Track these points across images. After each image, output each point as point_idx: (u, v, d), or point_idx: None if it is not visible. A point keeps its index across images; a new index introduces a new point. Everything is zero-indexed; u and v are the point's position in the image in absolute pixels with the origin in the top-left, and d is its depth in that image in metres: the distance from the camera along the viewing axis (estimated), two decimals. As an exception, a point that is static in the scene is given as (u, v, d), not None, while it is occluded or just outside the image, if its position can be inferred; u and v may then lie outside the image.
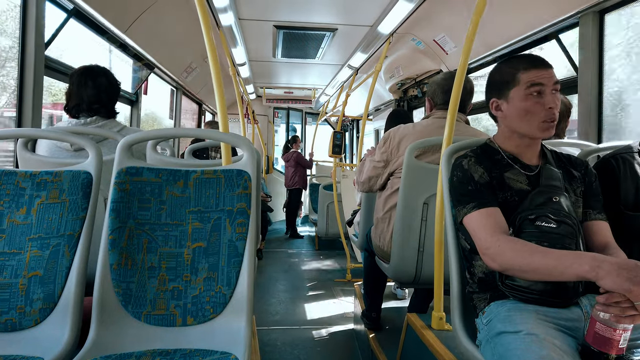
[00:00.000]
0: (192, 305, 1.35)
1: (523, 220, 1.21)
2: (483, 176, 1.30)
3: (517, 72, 1.28)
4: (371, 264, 2.43)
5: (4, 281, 1.32)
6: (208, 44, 1.72)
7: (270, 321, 3.31)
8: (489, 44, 2.94)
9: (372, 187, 2.23)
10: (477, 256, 1.26)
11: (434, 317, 1.74)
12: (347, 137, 8.53)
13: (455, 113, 1.68)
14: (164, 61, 3.87)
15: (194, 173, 1.45)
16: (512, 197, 1.28)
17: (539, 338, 1.02)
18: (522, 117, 1.27)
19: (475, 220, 1.25)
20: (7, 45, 2.12)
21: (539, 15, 2.41)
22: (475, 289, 1.32)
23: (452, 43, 3.38)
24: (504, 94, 1.31)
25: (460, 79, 1.67)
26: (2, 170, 1.43)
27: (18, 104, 2.03)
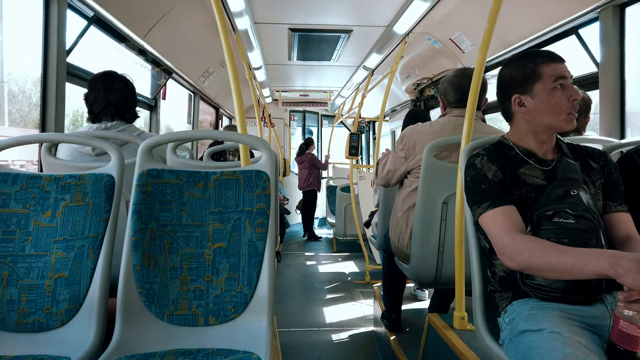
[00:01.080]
0: (213, 305, 1.36)
1: (540, 216, 1.19)
2: (497, 174, 1.29)
3: (536, 66, 1.26)
4: (390, 265, 2.42)
5: (31, 282, 1.35)
6: (225, 48, 1.74)
7: (290, 323, 3.32)
8: (506, 41, 2.91)
9: (389, 180, 2.21)
10: (496, 255, 1.25)
11: (455, 317, 1.72)
12: (364, 139, 8.52)
13: (473, 111, 1.67)
14: (181, 66, 3.92)
15: (213, 174, 1.46)
16: (529, 193, 1.26)
17: (563, 336, 1.00)
18: (549, 111, 1.25)
19: (490, 219, 1.24)
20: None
21: (558, 11, 2.38)
22: (496, 287, 1.30)
23: (468, 41, 3.36)
24: (528, 89, 1.28)
25: (478, 77, 1.66)
26: (27, 174, 1.47)
27: (41, 110, 2.08)
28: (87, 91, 1.92)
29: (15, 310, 1.33)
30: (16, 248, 1.38)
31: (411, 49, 4.08)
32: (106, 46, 2.90)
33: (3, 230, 1.39)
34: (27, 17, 2.16)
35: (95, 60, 2.63)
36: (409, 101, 5.35)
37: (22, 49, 2.32)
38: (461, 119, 1.99)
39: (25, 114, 2.53)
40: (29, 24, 2.13)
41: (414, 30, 3.47)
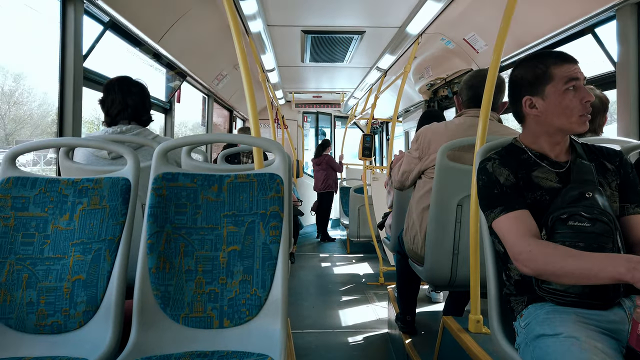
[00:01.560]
0: (228, 307, 1.37)
1: (555, 220, 1.17)
2: (509, 178, 1.27)
3: (548, 68, 1.24)
4: (404, 266, 2.41)
5: (50, 285, 1.38)
6: (239, 51, 1.75)
7: (304, 325, 3.32)
8: (520, 41, 2.88)
9: (404, 182, 2.21)
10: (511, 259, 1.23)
11: (471, 320, 1.70)
12: (377, 140, 8.49)
13: (488, 112, 1.66)
14: (195, 69, 3.96)
15: (227, 177, 1.47)
16: (543, 196, 1.24)
17: (580, 341, 0.99)
18: (561, 113, 1.23)
19: (503, 224, 1.22)
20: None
21: (574, 10, 2.35)
22: (512, 291, 1.29)
23: (482, 41, 3.33)
24: (539, 91, 1.26)
25: (493, 77, 1.64)
26: (46, 178, 1.49)
27: (59, 115, 2.12)
28: (102, 95, 1.95)
29: (34, 312, 1.35)
30: (35, 251, 1.40)
31: (424, 49, 4.06)
32: (121, 50, 2.94)
33: (22, 233, 1.41)
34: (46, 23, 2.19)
35: (111, 65, 2.67)
36: (423, 102, 5.32)
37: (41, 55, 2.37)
38: (476, 119, 1.97)
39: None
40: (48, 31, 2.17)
41: (427, 30, 3.45)
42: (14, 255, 1.39)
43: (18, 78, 5.21)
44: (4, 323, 1.34)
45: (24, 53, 6.89)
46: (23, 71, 5.09)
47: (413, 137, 2.19)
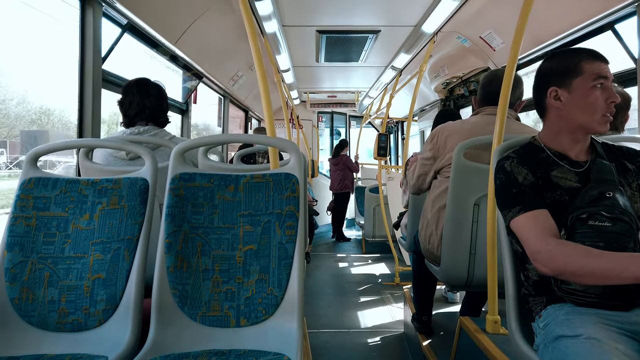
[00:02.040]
0: (245, 306, 1.38)
1: (575, 220, 1.15)
2: (527, 177, 1.25)
3: (579, 61, 1.22)
4: (420, 266, 2.40)
5: (71, 283, 1.40)
6: (254, 52, 1.76)
7: (320, 324, 3.32)
8: (538, 38, 2.84)
9: (421, 186, 2.21)
10: (530, 260, 1.22)
11: (488, 321, 1.69)
12: (392, 139, 8.46)
13: (505, 110, 1.64)
14: (211, 70, 3.99)
15: (243, 177, 1.48)
16: (562, 196, 1.22)
17: (600, 342, 0.97)
18: (584, 109, 1.22)
19: (522, 224, 1.20)
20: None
21: (593, 6, 2.31)
22: (530, 291, 1.27)
23: (499, 39, 3.29)
24: (566, 83, 1.24)
25: (510, 75, 1.63)
26: (66, 179, 1.52)
27: (79, 116, 2.15)
28: (121, 97, 1.98)
29: (55, 310, 1.38)
30: (56, 250, 1.43)
31: (440, 47, 4.03)
32: (139, 52, 2.98)
33: (44, 233, 1.44)
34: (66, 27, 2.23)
35: (129, 66, 2.70)
36: (438, 101, 5.28)
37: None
38: (493, 117, 1.95)
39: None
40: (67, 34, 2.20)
41: (442, 29, 3.43)
42: (35, 254, 1.42)
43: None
44: (26, 321, 1.37)
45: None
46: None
47: (428, 137, 2.18)
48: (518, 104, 2.05)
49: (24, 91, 4.87)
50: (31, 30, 8.48)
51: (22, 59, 8.08)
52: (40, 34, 8.42)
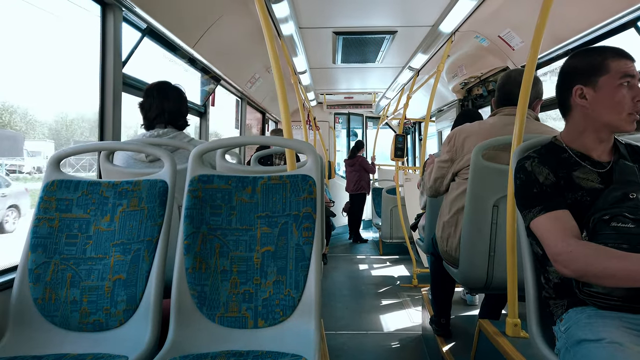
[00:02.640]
0: (262, 308, 1.39)
1: (597, 221, 1.13)
2: (549, 177, 1.23)
3: (605, 59, 1.20)
4: (438, 268, 2.38)
5: (92, 284, 1.43)
6: (271, 54, 1.77)
7: (338, 326, 3.32)
8: (558, 37, 2.79)
9: (439, 188, 2.19)
10: (550, 262, 1.19)
11: (508, 324, 1.66)
12: (409, 140, 8.41)
13: (525, 110, 1.61)
14: (229, 73, 4.02)
15: (261, 179, 1.49)
16: (584, 197, 1.20)
17: (623, 347, 0.95)
18: (611, 107, 1.19)
19: (542, 224, 1.19)
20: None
21: (615, 2, 2.26)
22: (551, 294, 1.25)
23: (518, 38, 3.24)
24: (592, 81, 1.22)
25: (530, 74, 1.60)
26: (88, 181, 1.55)
27: (100, 120, 2.19)
28: (142, 99, 2.01)
29: (77, 310, 1.41)
30: (78, 251, 1.46)
31: (458, 47, 4.00)
32: (158, 56, 3.02)
33: (66, 234, 1.47)
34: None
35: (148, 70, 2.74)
36: (456, 101, 5.23)
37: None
38: (511, 118, 1.93)
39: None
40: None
41: (460, 28, 3.40)
42: (58, 255, 1.45)
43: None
44: (49, 321, 1.40)
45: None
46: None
47: (445, 139, 2.17)
48: (536, 103, 2.02)
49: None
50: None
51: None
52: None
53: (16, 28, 3.46)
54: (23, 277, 1.43)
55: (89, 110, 4.00)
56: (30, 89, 5.90)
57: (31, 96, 5.15)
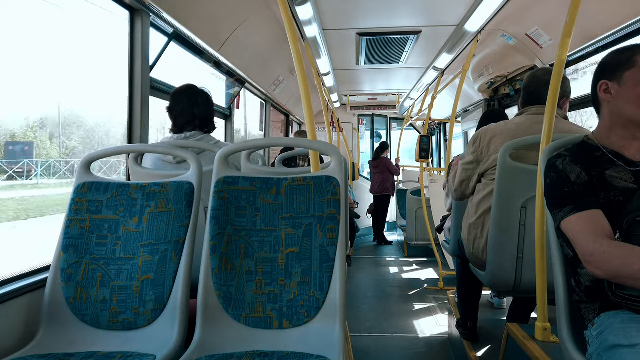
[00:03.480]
0: (287, 308, 1.39)
1: (631, 222, 1.09)
2: (581, 176, 1.20)
3: (633, 55, 1.18)
4: (465, 271, 2.34)
5: (122, 284, 1.46)
6: (295, 57, 1.78)
7: (362, 328, 3.31)
8: (588, 34, 2.72)
9: (465, 191, 2.16)
10: (582, 263, 1.16)
11: (537, 328, 1.63)
12: (434, 141, 8.32)
13: (554, 109, 1.58)
14: (254, 76, 4.06)
15: (285, 181, 1.50)
16: (617, 197, 1.16)
17: None
18: (633, 101, 1.17)
19: (574, 224, 1.15)
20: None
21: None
22: (583, 298, 1.21)
23: (546, 36, 3.17)
24: (617, 76, 1.21)
25: (559, 73, 1.57)
26: (117, 183, 1.59)
27: (128, 123, 2.24)
28: (170, 104, 2.04)
29: (107, 309, 1.44)
30: (108, 251, 1.50)
31: (484, 46, 3.94)
32: (185, 59, 3.07)
33: (97, 235, 1.51)
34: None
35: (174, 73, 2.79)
36: (482, 101, 5.15)
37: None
38: (539, 117, 1.89)
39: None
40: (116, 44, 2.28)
41: (486, 27, 3.35)
42: (89, 255, 1.49)
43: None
44: (80, 319, 1.44)
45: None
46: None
47: (470, 140, 2.14)
48: (563, 101, 1.98)
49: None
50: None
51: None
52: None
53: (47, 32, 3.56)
54: (55, 277, 1.47)
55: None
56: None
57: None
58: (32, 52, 3.92)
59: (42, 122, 6.68)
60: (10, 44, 3.95)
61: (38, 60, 7.39)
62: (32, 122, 5.08)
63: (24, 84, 5.48)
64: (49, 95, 9.37)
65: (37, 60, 7.06)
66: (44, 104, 7.06)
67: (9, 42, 3.75)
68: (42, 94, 6.71)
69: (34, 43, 3.42)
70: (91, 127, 7.45)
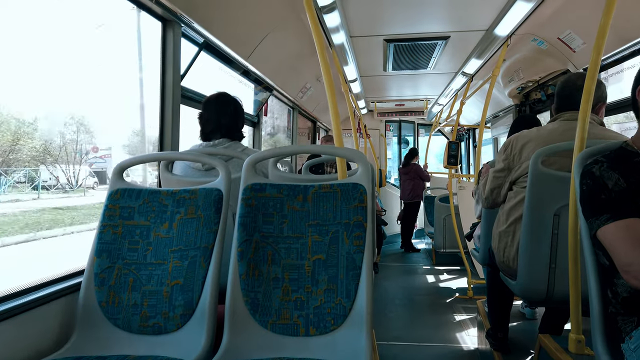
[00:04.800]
0: (314, 316, 1.39)
1: None
2: (619, 183, 1.15)
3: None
4: (495, 280, 2.29)
5: (152, 289, 1.49)
6: (322, 64, 1.79)
7: (390, 336, 3.27)
8: (623, 37, 2.63)
9: (496, 199, 2.12)
10: (619, 274, 1.12)
11: (571, 340, 1.57)
12: (463, 147, 8.20)
13: (587, 114, 1.53)
14: (281, 83, 4.10)
15: (312, 188, 1.50)
16: None
17: None
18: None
19: (611, 233, 1.11)
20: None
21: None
22: (619, 309, 1.17)
23: (580, 39, 3.09)
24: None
25: (592, 77, 1.52)
26: (149, 190, 1.63)
27: (160, 131, 2.29)
28: (201, 111, 2.09)
29: (138, 313, 1.47)
30: (139, 257, 1.53)
31: (514, 51, 3.87)
32: (214, 68, 3.13)
33: (129, 240, 1.55)
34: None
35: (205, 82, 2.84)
36: (513, 106, 5.05)
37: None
38: (572, 123, 1.84)
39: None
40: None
41: (517, 31, 3.29)
42: (121, 260, 1.53)
43: None
44: (112, 323, 1.48)
45: None
46: None
47: (501, 147, 2.10)
48: (599, 106, 1.92)
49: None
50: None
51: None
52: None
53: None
54: (89, 281, 1.51)
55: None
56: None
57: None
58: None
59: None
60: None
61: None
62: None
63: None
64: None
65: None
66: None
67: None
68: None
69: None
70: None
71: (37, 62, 3.70)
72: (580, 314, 1.57)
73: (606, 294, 1.23)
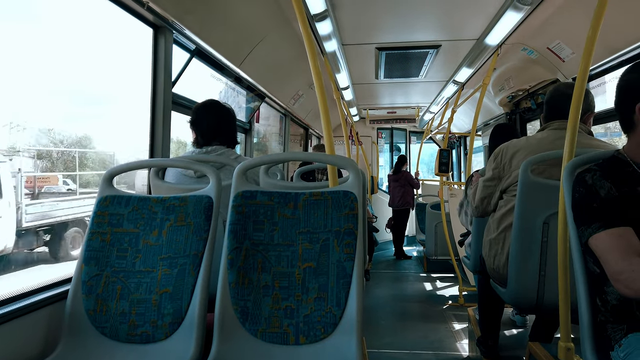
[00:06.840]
0: (304, 324, 1.38)
1: None
2: (610, 192, 1.16)
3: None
4: (485, 287, 2.30)
5: (141, 297, 1.47)
6: (314, 71, 1.79)
7: (380, 344, 3.26)
8: (612, 47, 2.67)
9: (486, 208, 2.13)
10: (608, 282, 1.13)
11: (560, 348, 1.58)
12: (454, 155, 8.25)
13: (576, 123, 1.55)
14: (273, 90, 4.11)
15: (302, 195, 1.50)
16: None
17: None
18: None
19: (602, 242, 1.12)
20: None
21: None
22: (608, 317, 1.18)
23: (568, 49, 3.14)
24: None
25: (581, 86, 1.54)
26: (138, 196, 1.61)
27: (150, 137, 2.28)
28: (192, 118, 2.07)
29: (126, 322, 1.45)
30: (128, 264, 1.51)
31: (504, 60, 3.91)
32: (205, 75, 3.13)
33: (117, 248, 1.53)
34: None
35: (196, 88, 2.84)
36: (503, 114, 5.10)
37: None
38: (561, 132, 1.86)
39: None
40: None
41: (507, 41, 3.32)
42: (110, 268, 1.51)
43: None
44: (100, 331, 1.45)
45: None
46: None
47: (491, 156, 2.11)
48: (587, 116, 1.95)
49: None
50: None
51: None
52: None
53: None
54: (77, 289, 1.49)
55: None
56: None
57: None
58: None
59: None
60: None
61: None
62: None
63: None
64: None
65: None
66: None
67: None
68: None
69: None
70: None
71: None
72: (570, 321, 1.58)
73: (595, 301, 1.24)
